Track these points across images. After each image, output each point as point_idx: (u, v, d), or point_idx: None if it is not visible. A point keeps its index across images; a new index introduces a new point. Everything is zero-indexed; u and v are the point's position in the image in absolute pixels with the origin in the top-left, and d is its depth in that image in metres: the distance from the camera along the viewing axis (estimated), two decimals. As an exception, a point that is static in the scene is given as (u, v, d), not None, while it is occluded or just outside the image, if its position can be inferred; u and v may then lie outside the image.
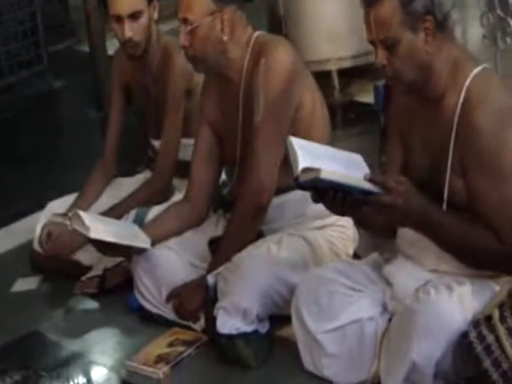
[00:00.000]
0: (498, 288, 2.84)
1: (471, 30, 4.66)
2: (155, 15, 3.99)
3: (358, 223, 3.17)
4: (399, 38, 2.80)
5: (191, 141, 3.79)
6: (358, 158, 2.89)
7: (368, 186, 2.71)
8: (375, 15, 2.82)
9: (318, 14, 5.19)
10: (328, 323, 3.05)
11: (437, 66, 2.86)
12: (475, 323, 2.73)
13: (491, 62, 4.31)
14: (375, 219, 2.88)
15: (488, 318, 2.72)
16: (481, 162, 2.80)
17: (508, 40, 4.63)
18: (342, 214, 2.92)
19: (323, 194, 2.77)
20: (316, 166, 2.68)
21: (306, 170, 2.69)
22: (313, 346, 3.09)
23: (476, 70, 2.86)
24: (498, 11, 4.69)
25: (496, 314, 2.72)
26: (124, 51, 4.03)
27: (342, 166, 2.78)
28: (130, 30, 3.88)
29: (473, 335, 2.71)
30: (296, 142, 2.81)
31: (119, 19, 3.89)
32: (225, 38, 3.39)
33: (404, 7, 2.79)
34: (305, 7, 5.22)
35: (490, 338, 2.70)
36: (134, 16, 3.88)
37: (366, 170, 2.81)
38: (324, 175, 2.65)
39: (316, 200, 2.81)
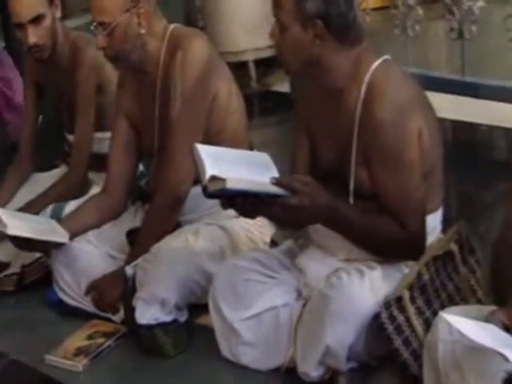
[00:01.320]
0: (407, 270, 2.90)
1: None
2: (58, 14, 3.96)
3: (271, 221, 3.21)
4: (287, 26, 2.83)
5: (106, 134, 3.80)
6: (265, 158, 2.90)
7: (275, 189, 2.72)
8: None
9: (235, 5, 5.22)
10: (244, 311, 3.08)
11: (333, 64, 2.87)
12: (386, 304, 2.78)
13: (403, 50, 4.41)
14: (286, 218, 2.87)
15: (398, 299, 2.78)
16: (382, 154, 2.85)
17: (417, 28, 4.74)
18: (253, 217, 2.94)
19: (232, 200, 2.78)
20: (223, 173, 2.67)
21: (214, 178, 2.68)
22: (230, 334, 3.12)
23: (376, 63, 2.88)
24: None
25: (406, 295, 2.78)
26: (31, 56, 4.01)
27: (250, 169, 2.79)
28: (34, 36, 3.85)
29: (384, 316, 2.77)
30: (203, 150, 2.78)
31: (21, 26, 3.86)
32: (142, 31, 3.40)
33: (298, 2, 2.82)
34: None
35: (401, 318, 2.77)
36: (35, 21, 3.84)
37: (273, 170, 2.82)
38: (230, 185, 2.65)
39: (225, 207, 2.83)
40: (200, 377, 3.13)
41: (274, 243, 3.50)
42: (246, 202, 2.75)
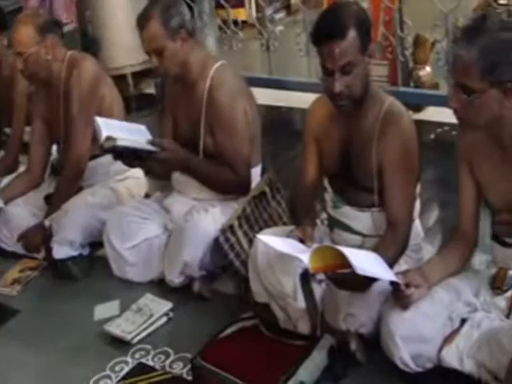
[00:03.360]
0: (236, 206, 2.87)
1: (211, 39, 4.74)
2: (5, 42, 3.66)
3: (148, 172, 3.12)
4: (164, 48, 2.75)
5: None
6: (143, 129, 2.88)
7: (150, 147, 2.75)
8: (145, 33, 2.77)
9: (116, 36, 5.10)
10: (128, 243, 3.01)
11: (190, 62, 2.83)
12: (222, 231, 2.76)
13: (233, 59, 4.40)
14: (157, 168, 2.90)
15: (230, 227, 2.75)
16: (220, 124, 2.82)
17: (239, 45, 4.75)
18: (133, 166, 2.92)
19: (121, 154, 2.76)
20: (114, 135, 2.68)
21: (108, 139, 2.67)
22: (118, 259, 3.04)
23: (217, 65, 2.85)
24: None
25: (235, 223, 2.76)
26: None
27: (133, 134, 2.78)
28: None
29: (221, 238, 2.75)
30: (100, 120, 2.79)
31: None
32: (49, 57, 3.25)
33: (165, 25, 2.75)
34: (105, 26, 5.11)
35: (233, 239, 2.75)
36: None
37: (148, 136, 2.83)
38: (119, 142, 2.67)
39: (116, 159, 2.81)
40: (101, 291, 3.03)
41: (147, 196, 3.43)
42: (130, 156, 2.77)
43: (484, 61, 1.92)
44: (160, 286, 2.95)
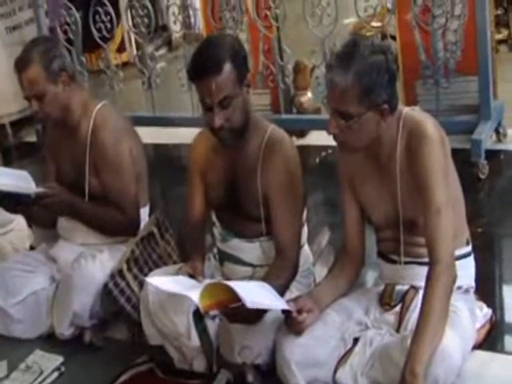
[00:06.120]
0: (125, 249, 2.83)
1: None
2: None
3: (30, 219, 3.07)
4: (45, 92, 2.72)
5: None
6: (24, 173, 2.80)
7: (33, 191, 2.69)
8: (24, 77, 2.73)
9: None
10: (13, 299, 2.89)
11: (72, 105, 2.80)
12: (112, 276, 2.71)
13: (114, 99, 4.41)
14: (42, 214, 2.84)
15: (120, 271, 2.71)
16: (105, 164, 2.80)
17: (121, 85, 4.75)
18: (16, 213, 2.87)
19: (2, 200, 2.70)
20: None
21: None
22: (4, 317, 2.91)
23: (99, 106, 2.84)
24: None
25: (124, 267, 2.72)
26: None
27: (14, 179, 2.71)
28: None
29: (110, 284, 2.70)
30: None
31: None
32: None
33: (46, 69, 2.72)
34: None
35: (123, 284, 2.70)
36: None
37: (31, 181, 2.76)
38: (1, 188, 2.61)
39: None
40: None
41: (32, 248, 3.35)
42: (12, 202, 2.70)
43: (359, 85, 1.99)
44: (50, 341, 2.86)
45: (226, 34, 2.79)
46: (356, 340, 2.18)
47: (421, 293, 2.11)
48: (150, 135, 3.87)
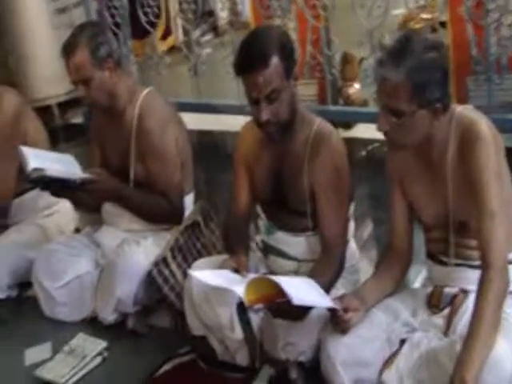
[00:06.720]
0: (169, 236, 2.82)
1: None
2: None
3: (75, 203, 3.07)
4: (91, 77, 2.70)
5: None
6: (70, 158, 2.85)
7: (79, 177, 2.70)
8: (71, 62, 2.72)
9: (38, 61, 5.03)
10: (58, 282, 2.92)
11: (118, 91, 2.78)
12: (156, 264, 2.70)
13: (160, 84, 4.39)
14: (87, 199, 2.83)
15: (164, 259, 2.71)
16: (151, 152, 2.77)
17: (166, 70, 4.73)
18: (62, 197, 2.87)
19: (49, 185, 2.70)
20: (42, 166, 2.62)
21: (35, 169, 2.61)
22: (49, 299, 2.94)
23: (145, 92, 2.82)
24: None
25: (169, 255, 2.71)
26: None
27: (60, 164, 2.74)
28: None
29: (154, 272, 2.69)
30: (26, 150, 2.73)
31: None
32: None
33: (92, 54, 2.71)
34: (27, 57, 5.03)
35: (166, 272, 2.70)
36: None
37: (77, 166, 2.79)
38: (48, 172, 2.61)
39: (43, 189, 2.75)
40: (31, 334, 2.92)
41: (77, 230, 3.35)
42: (58, 186, 2.71)
43: (412, 83, 1.91)
44: (93, 325, 2.87)
45: (273, 25, 2.72)
46: (403, 341, 2.13)
47: (470, 296, 2.06)
48: (194, 121, 3.84)
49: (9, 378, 2.71)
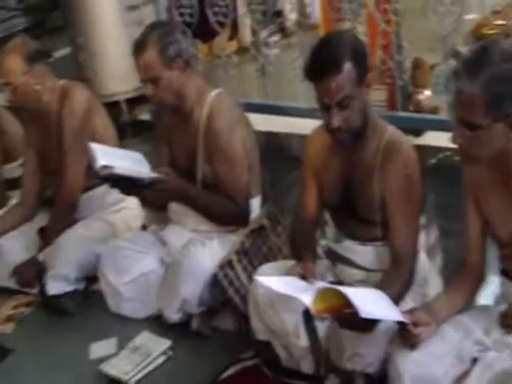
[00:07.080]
0: (235, 239, 2.81)
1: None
2: None
3: (143, 201, 3.09)
4: (160, 76, 2.71)
5: (14, 164, 3.62)
6: (139, 156, 2.85)
7: (147, 176, 2.71)
8: (141, 61, 2.72)
9: (108, 57, 5.09)
10: (124, 277, 2.95)
11: (186, 91, 2.79)
12: (221, 266, 2.70)
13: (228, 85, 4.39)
14: (155, 198, 2.85)
15: (229, 262, 2.70)
16: (219, 153, 2.78)
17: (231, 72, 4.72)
18: (130, 195, 2.92)
19: (117, 182, 2.72)
20: (110, 163, 2.63)
21: (104, 167, 2.62)
22: (114, 295, 2.97)
23: (214, 93, 2.82)
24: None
25: (234, 258, 2.71)
26: None
27: (129, 162, 2.74)
28: None
29: (220, 274, 2.70)
30: (96, 147, 2.74)
31: None
32: (38, 87, 3.18)
33: (161, 54, 2.71)
34: (98, 53, 5.09)
35: (232, 275, 2.70)
36: None
37: (145, 164, 2.79)
38: (116, 170, 2.62)
39: (113, 187, 2.79)
40: (96, 328, 2.97)
41: (144, 227, 3.38)
42: (127, 184, 2.72)
43: (488, 95, 1.83)
44: (157, 323, 2.89)
45: (345, 30, 2.67)
46: (475, 360, 2.07)
47: (547, 317, 1.99)
48: (261, 123, 3.82)
49: (73, 370, 2.76)
